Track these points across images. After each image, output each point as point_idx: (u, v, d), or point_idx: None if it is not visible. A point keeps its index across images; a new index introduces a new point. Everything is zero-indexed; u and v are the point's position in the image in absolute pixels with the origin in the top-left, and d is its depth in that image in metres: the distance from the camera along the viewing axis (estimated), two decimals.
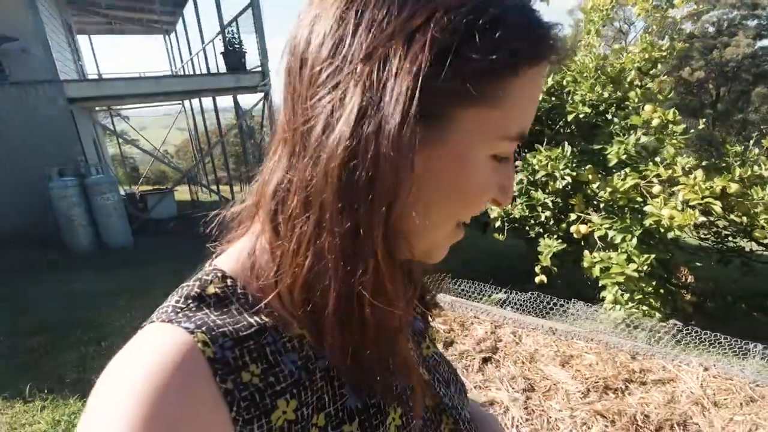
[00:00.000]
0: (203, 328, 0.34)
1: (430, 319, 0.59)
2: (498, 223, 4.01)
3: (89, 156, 7.66)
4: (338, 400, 0.39)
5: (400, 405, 0.43)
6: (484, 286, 3.37)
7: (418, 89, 0.31)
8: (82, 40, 13.27)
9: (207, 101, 10.64)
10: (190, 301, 0.36)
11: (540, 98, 3.47)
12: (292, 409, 0.36)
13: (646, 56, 3.89)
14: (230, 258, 0.41)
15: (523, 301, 3.16)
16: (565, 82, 3.70)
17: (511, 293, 3.21)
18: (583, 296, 3.65)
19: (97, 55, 14.16)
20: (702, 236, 4.19)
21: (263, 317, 0.37)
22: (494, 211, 3.99)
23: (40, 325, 3.53)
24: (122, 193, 9.34)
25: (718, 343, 2.55)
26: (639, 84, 3.80)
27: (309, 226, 0.34)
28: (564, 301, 3.07)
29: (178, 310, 0.35)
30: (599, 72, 3.93)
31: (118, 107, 14.50)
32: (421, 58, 0.31)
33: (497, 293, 3.30)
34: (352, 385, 0.40)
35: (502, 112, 0.35)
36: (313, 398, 0.37)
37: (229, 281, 0.38)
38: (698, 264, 3.48)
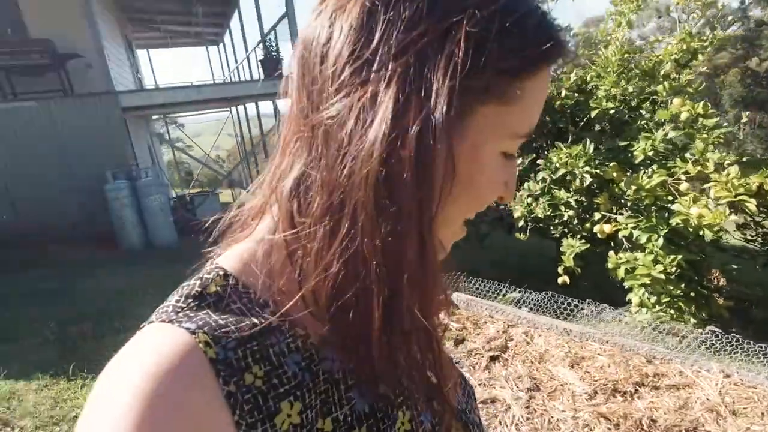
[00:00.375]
0: (205, 328, 0.32)
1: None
2: (521, 223, 3.94)
3: (143, 161, 8.29)
4: (345, 404, 0.38)
5: (408, 409, 0.41)
6: (499, 285, 3.33)
7: (457, 85, 0.31)
8: (142, 54, 14.37)
9: (252, 107, 11.16)
10: (190, 300, 0.35)
11: (563, 95, 3.39)
12: (296, 412, 0.34)
13: (684, 47, 3.69)
14: (232, 257, 0.40)
15: (540, 301, 3.09)
16: (589, 78, 3.58)
17: (525, 292, 3.15)
18: (611, 298, 3.51)
19: (154, 67, 15.24)
20: (750, 237, 3.89)
21: (266, 317, 0.36)
22: (517, 211, 3.93)
23: (86, 313, 3.89)
24: (173, 195, 10.02)
25: (741, 349, 2.38)
26: (675, 77, 3.60)
27: (339, 229, 0.33)
28: (578, 301, 2.98)
29: (179, 310, 0.34)
30: (632, 65, 3.77)
31: (174, 115, 15.55)
32: (458, 55, 0.31)
33: (512, 292, 3.25)
34: (366, 388, 0.39)
35: (516, 110, 0.36)
36: (317, 401, 0.36)
37: (230, 280, 0.37)
38: (734, 266, 3.24)
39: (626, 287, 3.22)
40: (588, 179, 3.26)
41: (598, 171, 3.27)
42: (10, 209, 6.44)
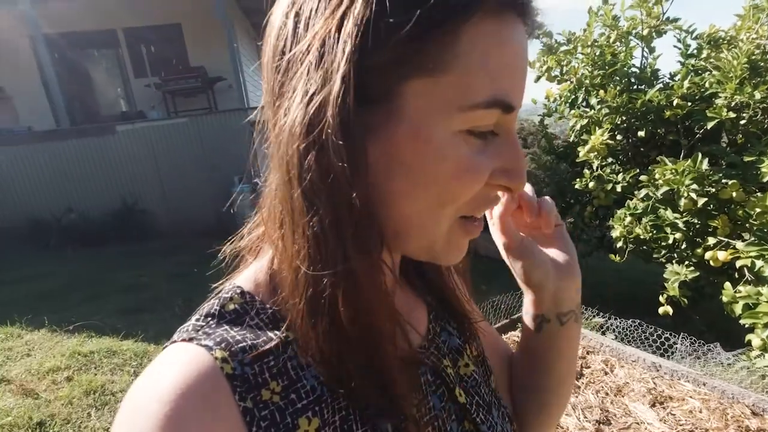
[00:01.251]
0: (222, 345, 0.33)
1: (470, 335, 0.53)
2: (620, 244, 3.60)
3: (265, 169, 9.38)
4: (367, 423, 0.36)
5: (435, 430, 0.40)
6: (585, 308, 3.11)
7: (352, 70, 0.29)
8: None
9: None
10: (209, 318, 0.36)
11: (675, 104, 3.06)
12: (314, 428, 0.34)
13: None
14: (248, 275, 0.40)
15: (627, 329, 2.82)
16: (708, 84, 3.16)
17: (611, 318, 2.90)
18: (728, 337, 3.04)
19: None
20: None
21: (284, 331, 0.36)
22: (616, 230, 3.61)
23: (208, 293, 4.60)
24: None
25: None
26: None
27: (286, 241, 0.33)
28: (670, 334, 2.64)
29: (198, 328, 0.35)
30: None
31: None
32: (351, 38, 0.29)
33: (596, 317, 3.01)
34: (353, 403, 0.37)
35: (452, 79, 0.31)
36: (336, 417, 0.35)
37: (248, 297, 0.38)
38: None
39: (746, 326, 2.76)
40: (696, 198, 2.88)
41: (710, 189, 2.87)
42: (164, 206, 7.86)
